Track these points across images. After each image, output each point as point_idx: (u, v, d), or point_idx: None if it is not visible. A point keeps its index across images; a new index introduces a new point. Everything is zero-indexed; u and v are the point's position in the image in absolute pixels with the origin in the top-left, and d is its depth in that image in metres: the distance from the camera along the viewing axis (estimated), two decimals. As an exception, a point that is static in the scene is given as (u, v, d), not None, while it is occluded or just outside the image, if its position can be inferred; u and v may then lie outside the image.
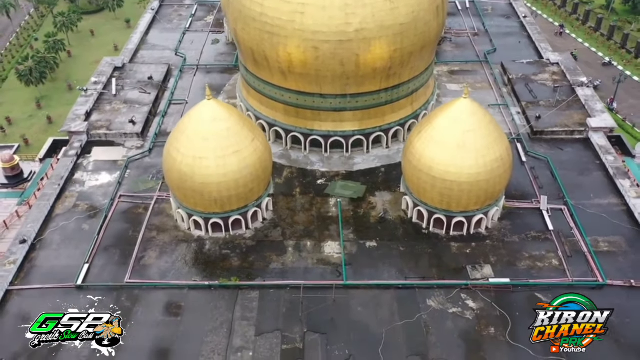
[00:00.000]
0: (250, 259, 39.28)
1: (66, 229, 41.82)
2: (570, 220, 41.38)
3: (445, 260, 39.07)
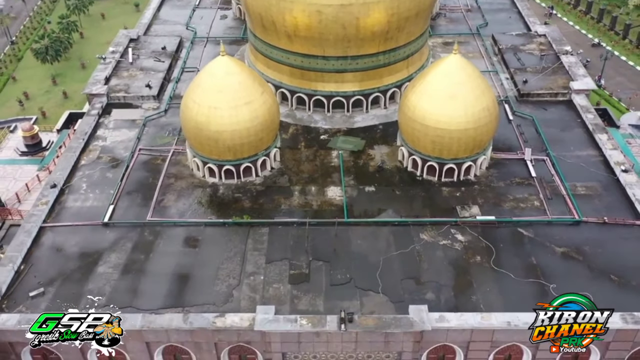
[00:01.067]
0: (260, 201, 43.28)
1: (92, 176, 45.83)
2: (552, 169, 45.40)
3: (437, 202, 43.07)
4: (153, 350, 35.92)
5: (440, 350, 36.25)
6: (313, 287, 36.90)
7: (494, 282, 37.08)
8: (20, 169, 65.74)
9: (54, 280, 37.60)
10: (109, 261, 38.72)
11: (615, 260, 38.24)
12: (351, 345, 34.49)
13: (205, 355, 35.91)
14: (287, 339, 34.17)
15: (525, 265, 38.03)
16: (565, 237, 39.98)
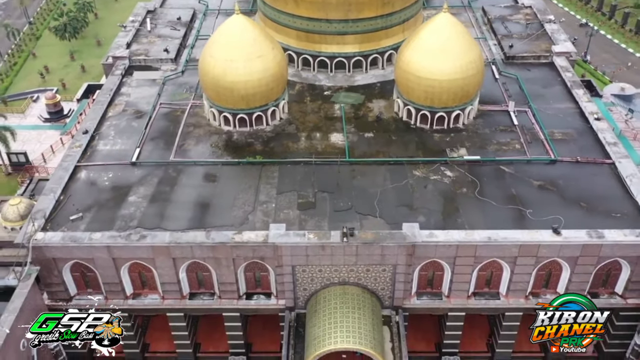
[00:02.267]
0: (271, 145, 48.33)
1: (118, 126, 50.88)
2: (532, 119, 50.41)
3: (429, 145, 48.11)
4: (178, 267, 40.94)
5: (430, 267, 41.33)
6: (318, 212, 41.94)
7: (478, 208, 42.10)
8: (44, 133, 71.17)
9: (91, 207, 42.66)
10: (138, 192, 43.79)
11: (585, 191, 43.27)
12: (352, 258, 39.56)
13: (224, 271, 40.95)
14: (296, 252, 39.22)
15: (506, 195, 43.06)
16: (542, 173, 45.05)
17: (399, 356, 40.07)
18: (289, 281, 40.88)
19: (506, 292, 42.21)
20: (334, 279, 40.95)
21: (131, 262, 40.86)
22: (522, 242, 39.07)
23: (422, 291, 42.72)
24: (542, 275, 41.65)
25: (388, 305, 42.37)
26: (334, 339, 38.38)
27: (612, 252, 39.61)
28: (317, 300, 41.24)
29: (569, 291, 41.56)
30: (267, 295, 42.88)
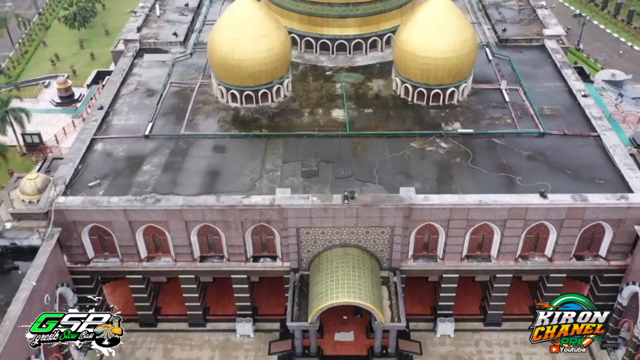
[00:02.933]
0: (276, 120, 51.15)
1: (131, 103, 53.70)
2: (523, 96, 53.24)
3: (425, 120, 50.94)
4: (190, 230, 43.73)
5: (425, 230, 44.13)
6: (321, 180, 44.76)
7: (471, 176, 44.93)
8: (56, 116, 74.15)
9: (108, 175, 45.51)
10: (151, 162, 46.62)
11: (571, 160, 46.11)
12: (352, 220, 42.37)
13: (233, 234, 43.75)
14: (300, 214, 42.01)
15: (497, 164, 45.88)
16: (531, 144, 47.88)
17: (396, 312, 42.89)
18: (293, 243, 43.67)
19: (497, 254, 45.02)
20: (335, 241, 43.77)
21: (146, 226, 43.63)
22: (511, 205, 41.88)
23: (418, 254, 45.52)
24: (531, 238, 44.43)
25: (386, 267, 45.18)
26: (335, 294, 41.22)
27: (595, 215, 42.39)
28: (319, 261, 44.06)
29: (555, 254, 44.62)
30: (272, 258, 45.68)
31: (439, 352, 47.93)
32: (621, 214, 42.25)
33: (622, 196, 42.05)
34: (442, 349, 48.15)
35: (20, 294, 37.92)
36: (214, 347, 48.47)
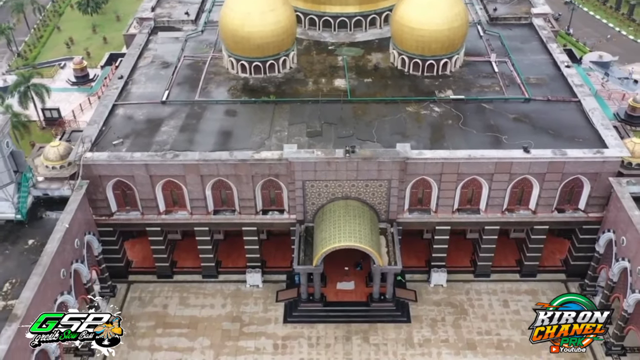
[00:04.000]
0: (282, 88, 55.39)
1: (148, 73, 57.96)
2: (511, 67, 57.49)
3: (420, 88, 55.17)
4: (205, 184, 47.97)
5: (419, 185, 48.38)
6: (325, 138, 48.97)
7: (461, 136, 49.13)
8: (72, 95, 78.38)
9: (129, 135, 49.74)
10: (169, 124, 50.83)
11: (553, 122, 50.31)
12: (353, 173, 46.62)
13: (244, 187, 47.99)
14: (306, 167, 46.24)
15: (485, 125, 50.08)
16: (517, 109, 52.10)
17: (393, 258, 47.16)
18: (299, 196, 47.89)
19: (485, 207, 49.27)
20: (337, 194, 48.00)
21: (165, 180, 47.88)
22: (497, 159, 46.15)
23: (413, 208, 49.76)
24: (516, 192, 48.68)
25: (384, 219, 49.39)
26: (338, 239, 45.49)
27: (574, 169, 46.65)
28: (323, 213, 48.30)
29: (539, 207, 48.88)
30: (280, 211, 49.90)
31: (432, 299, 52.19)
32: (597, 168, 46.53)
33: (598, 151, 46.35)
34: (435, 296, 52.42)
35: (55, 235, 42.20)
36: (225, 296, 52.73)
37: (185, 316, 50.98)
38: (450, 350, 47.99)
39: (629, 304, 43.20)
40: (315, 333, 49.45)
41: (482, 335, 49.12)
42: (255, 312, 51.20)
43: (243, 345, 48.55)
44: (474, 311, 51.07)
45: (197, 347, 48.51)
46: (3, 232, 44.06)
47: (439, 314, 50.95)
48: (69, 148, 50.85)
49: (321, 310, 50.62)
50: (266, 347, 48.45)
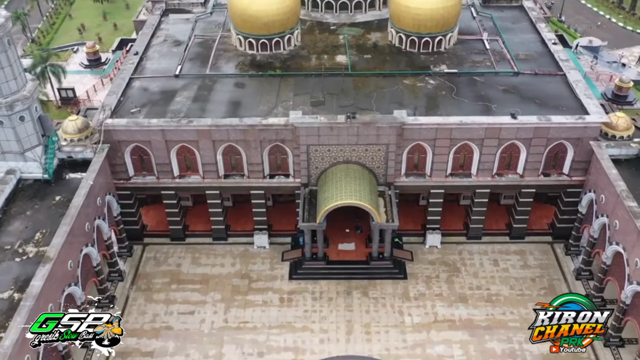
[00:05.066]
0: (288, 64, 59.18)
1: (161, 51, 61.78)
2: (502, 45, 61.33)
3: (416, 63, 58.96)
4: (217, 149, 51.78)
5: (415, 150, 52.16)
6: (327, 108, 52.70)
7: (454, 105, 52.90)
8: (85, 77, 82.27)
9: (145, 104, 53.50)
10: (182, 95, 54.59)
11: (540, 93, 54.08)
12: (354, 138, 50.40)
13: (253, 152, 51.79)
14: (310, 132, 50.03)
15: (477, 95, 53.83)
16: (506, 81, 55.84)
17: (390, 216, 50.97)
18: (304, 160, 51.67)
19: (476, 172, 53.06)
20: (339, 158, 51.78)
21: (179, 145, 51.66)
22: (487, 125, 49.95)
23: (409, 172, 53.54)
24: (505, 157, 52.47)
25: (382, 182, 53.17)
26: (339, 197, 49.31)
27: (558, 134, 50.45)
28: (325, 176, 52.10)
29: (526, 171, 52.69)
30: (286, 176, 53.70)
31: (427, 259, 56.03)
32: (579, 133, 50.37)
33: (580, 117, 50.19)
34: (430, 256, 56.26)
35: (81, 190, 46.06)
36: (235, 256, 56.58)
37: (197, 274, 54.83)
38: (443, 303, 51.80)
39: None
40: (319, 288, 53.26)
41: (473, 290, 52.92)
42: (262, 270, 55.04)
43: (251, 299, 52.37)
44: (465, 269, 54.89)
45: (209, 300, 52.34)
46: (32, 190, 47.87)
47: (433, 271, 54.76)
48: (86, 122, 54.51)
49: (324, 268, 54.45)
50: (273, 300, 52.26)
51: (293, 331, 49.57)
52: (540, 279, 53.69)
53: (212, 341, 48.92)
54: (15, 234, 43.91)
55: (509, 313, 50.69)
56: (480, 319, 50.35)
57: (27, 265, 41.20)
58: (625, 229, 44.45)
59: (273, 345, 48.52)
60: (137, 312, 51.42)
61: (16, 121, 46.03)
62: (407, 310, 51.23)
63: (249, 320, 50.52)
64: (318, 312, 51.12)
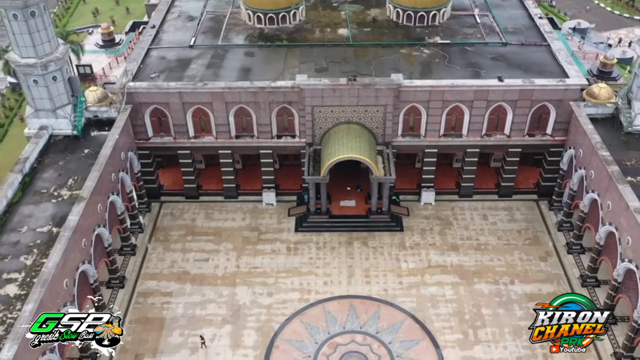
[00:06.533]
0: (293, 36, 64.04)
1: (176, 25, 66.67)
2: (492, 19, 66.19)
3: (412, 35, 63.81)
4: (229, 111, 56.61)
5: (411, 112, 56.97)
6: (330, 73, 57.45)
7: (446, 71, 57.78)
8: (100, 56, 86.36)
9: (164, 70, 58.43)
10: (197, 62, 59.49)
11: (525, 61, 58.90)
12: (354, 99, 55.23)
13: (262, 114, 56.62)
14: (314, 94, 54.83)
15: (467, 63, 58.69)
16: (495, 51, 60.70)
17: (388, 171, 55.80)
18: (309, 120, 56.48)
19: (467, 132, 57.88)
20: (341, 118, 56.61)
21: (195, 107, 56.47)
22: (476, 87, 54.81)
23: (405, 133, 58.34)
24: (493, 118, 57.30)
25: (381, 142, 57.99)
26: (341, 152, 54.16)
27: (541, 96, 55.29)
28: (328, 135, 56.94)
29: (512, 131, 57.50)
30: (292, 136, 58.51)
31: (422, 214, 60.88)
32: (560, 95, 55.25)
33: (561, 80, 55.09)
34: (425, 212, 61.12)
35: (108, 142, 51.00)
36: (244, 212, 61.45)
37: (210, 227, 59.69)
38: (436, 252, 56.65)
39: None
40: (322, 239, 58.12)
41: (463, 240, 57.77)
42: (270, 224, 59.90)
43: (261, 248, 57.23)
44: (457, 223, 59.74)
45: (221, 249, 57.19)
46: (63, 144, 52.73)
47: (427, 225, 59.62)
48: (105, 93, 59.11)
49: (327, 222, 59.30)
50: (280, 249, 57.12)
51: (299, 275, 54.42)
52: (525, 230, 58.56)
53: (226, 283, 53.78)
54: (50, 180, 48.78)
55: (496, 260, 55.53)
56: (469, 265, 55.18)
57: (62, 206, 46.08)
58: (599, 176, 49.30)
59: (281, 287, 53.38)
60: (157, 259, 56.31)
61: (49, 80, 50.89)
62: (404, 257, 56.06)
63: (259, 266, 55.37)
64: (322, 259, 55.97)
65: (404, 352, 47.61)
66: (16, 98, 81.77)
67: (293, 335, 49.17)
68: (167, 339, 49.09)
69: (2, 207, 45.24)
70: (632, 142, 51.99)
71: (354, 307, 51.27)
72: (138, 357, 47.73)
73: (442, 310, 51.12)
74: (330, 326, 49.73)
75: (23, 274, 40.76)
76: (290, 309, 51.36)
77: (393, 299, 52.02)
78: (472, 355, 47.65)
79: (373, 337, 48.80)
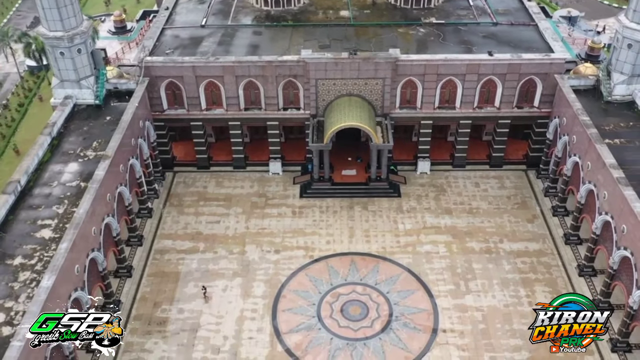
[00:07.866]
0: (298, 17, 68.49)
1: (188, 7, 71.08)
2: (484, 2, 70.67)
3: (409, 17, 68.25)
4: (239, 84, 61.02)
5: (407, 85, 61.36)
6: (332, 50, 61.86)
7: (441, 47, 62.21)
8: (113, 42, 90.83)
9: (177, 47, 62.89)
10: (208, 40, 63.93)
11: (514, 39, 63.38)
12: (355, 72, 59.61)
13: (269, 87, 61.01)
14: (318, 67, 59.23)
15: (460, 40, 63.11)
16: (486, 30, 65.17)
17: (386, 139, 60.17)
18: (313, 92, 60.87)
19: (460, 105, 62.28)
20: (343, 91, 60.98)
21: (207, 81, 60.84)
22: (468, 61, 59.22)
23: (403, 105, 62.75)
24: (484, 92, 61.67)
25: (380, 113, 62.37)
26: (343, 121, 58.50)
27: (528, 69, 59.69)
28: (331, 106, 61.32)
29: (502, 104, 61.92)
30: (297, 109, 62.90)
31: (418, 182, 65.23)
32: (546, 69, 59.66)
33: (546, 54, 59.52)
34: (420, 180, 65.47)
35: (128, 110, 55.44)
36: (252, 180, 65.81)
37: (221, 193, 64.06)
38: (431, 215, 60.98)
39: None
40: (325, 204, 62.47)
41: (457, 205, 62.11)
42: (277, 191, 64.27)
43: (268, 212, 61.57)
44: (451, 190, 64.11)
45: (232, 213, 61.54)
46: (86, 113, 57.14)
47: (423, 192, 63.97)
48: (120, 72, 63.64)
49: (329, 189, 63.66)
50: (286, 213, 61.46)
51: (304, 235, 58.76)
52: (514, 196, 62.93)
53: (236, 242, 58.12)
54: (76, 143, 53.19)
55: (486, 222, 59.87)
56: (462, 226, 59.52)
57: (88, 164, 50.44)
58: (580, 139, 53.69)
59: (287, 245, 57.71)
60: (172, 221, 60.66)
61: (75, 53, 55.32)
62: (401, 220, 60.39)
63: (267, 227, 59.72)
64: (325, 221, 60.31)
65: (401, 300, 51.92)
66: (35, 80, 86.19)
67: (299, 287, 53.49)
68: (182, 290, 53.41)
69: (34, 165, 49.62)
70: (611, 109, 56.39)
71: (354, 263, 55.59)
72: (157, 305, 52.06)
73: (436, 265, 55.43)
74: (332, 279, 54.04)
75: (56, 220, 45.12)
76: (296, 265, 55.70)
77: (391, 255, 56.35)
78: (464, 303, 51.92)
79: (372, 288, 53.13)
